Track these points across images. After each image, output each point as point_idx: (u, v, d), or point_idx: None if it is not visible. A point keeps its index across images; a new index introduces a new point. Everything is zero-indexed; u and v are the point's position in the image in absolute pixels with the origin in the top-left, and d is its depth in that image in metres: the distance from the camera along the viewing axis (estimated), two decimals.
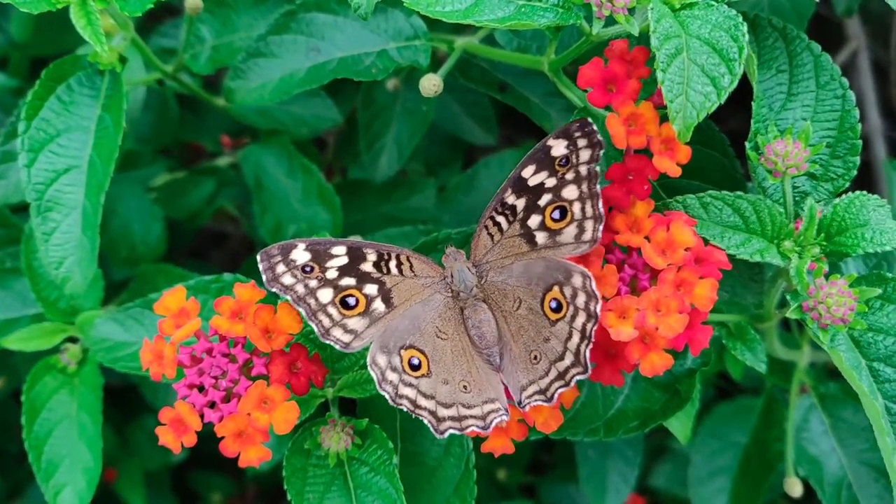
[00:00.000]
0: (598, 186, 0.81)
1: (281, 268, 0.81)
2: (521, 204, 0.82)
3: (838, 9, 1.19)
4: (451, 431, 0.81)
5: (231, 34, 1.18)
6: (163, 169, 1.42)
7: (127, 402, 1.50)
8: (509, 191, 0.82)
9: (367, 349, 0.83)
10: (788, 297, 0.82)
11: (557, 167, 0.81)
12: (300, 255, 0.81)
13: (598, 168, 0.80)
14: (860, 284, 0.83)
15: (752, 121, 0.88)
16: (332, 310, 0.82)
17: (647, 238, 0.79)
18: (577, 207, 0.81)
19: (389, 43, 1.07)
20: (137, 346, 1.02)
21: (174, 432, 0.81)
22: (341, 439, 0.88)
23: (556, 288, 0.81)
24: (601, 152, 0.80)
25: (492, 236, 0.83)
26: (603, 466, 1.43)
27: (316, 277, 0.81)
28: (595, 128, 0.80)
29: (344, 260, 0.82)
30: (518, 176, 0.82)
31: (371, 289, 0.83)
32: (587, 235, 0.81)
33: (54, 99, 1.01)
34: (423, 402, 0.81)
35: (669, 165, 0.80)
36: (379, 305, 0.83)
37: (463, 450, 0.95)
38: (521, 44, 1.03)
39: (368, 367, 0.81)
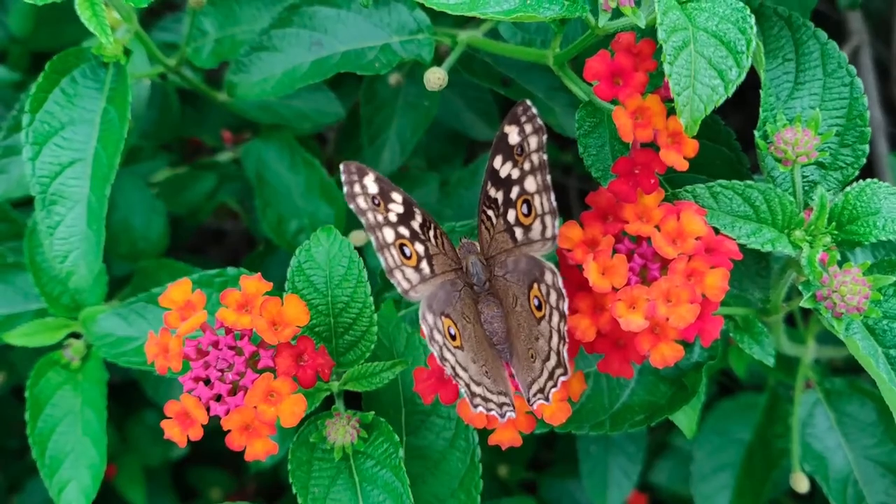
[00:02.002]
0: (548, 177, 0.79)
1: (357, 188, 0.79)
2: (500, 197, 0.81)
3: (842, 2, 1.19)
4: (481, 409, 0.80)
5: (234, 27, 1.18)
6: (164, 164, 1.42)
7: (126, 397, 1.49)
8: (489, 183, 0.81)
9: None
10: (800, 288, 0.81)
11: (516, 157, 0.79)
12: (371, 184, 0.80)
13: (546, 157, 0.79)
14: (872, 272, 0.82)
15: (760, 109, 0.88)
16: (394, 251, 0.81)
17: (657, 227, 0.78)
18: (537, 201, 0.80)
19: (393, 37, 1.07)
20: (141, 340, 1.02)
21: (180, 426, 0.81)
22: (347, 432, 0.87)
23: (535, 285, 0.80)
24: (545, 138, 0.78)
25: (487, 230, 0.83)
26: (605, 462, 1.42)
27: (382, 213, 0.80)
28: (535, 111, 0.78)
29: (401, 208, 0.81)
30: (491, 167, 0.80)
31: (420, 248, 0.82)
32: (548, 232, 0.80)
33: (58, 91, 1.00)
34: (460, 372, 0.80)
35: (676, 159, 0.79)
36: (425, 266, 0.82)
37: (468, 444, 0.94)
38: (525, 37, 1.03)
39: (419, 321, 0.80)
